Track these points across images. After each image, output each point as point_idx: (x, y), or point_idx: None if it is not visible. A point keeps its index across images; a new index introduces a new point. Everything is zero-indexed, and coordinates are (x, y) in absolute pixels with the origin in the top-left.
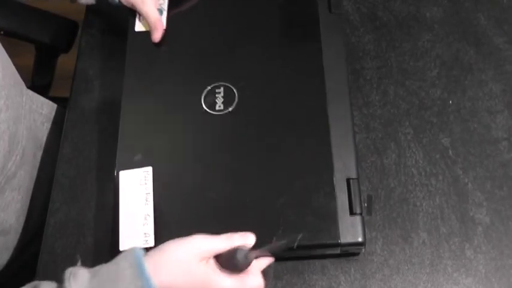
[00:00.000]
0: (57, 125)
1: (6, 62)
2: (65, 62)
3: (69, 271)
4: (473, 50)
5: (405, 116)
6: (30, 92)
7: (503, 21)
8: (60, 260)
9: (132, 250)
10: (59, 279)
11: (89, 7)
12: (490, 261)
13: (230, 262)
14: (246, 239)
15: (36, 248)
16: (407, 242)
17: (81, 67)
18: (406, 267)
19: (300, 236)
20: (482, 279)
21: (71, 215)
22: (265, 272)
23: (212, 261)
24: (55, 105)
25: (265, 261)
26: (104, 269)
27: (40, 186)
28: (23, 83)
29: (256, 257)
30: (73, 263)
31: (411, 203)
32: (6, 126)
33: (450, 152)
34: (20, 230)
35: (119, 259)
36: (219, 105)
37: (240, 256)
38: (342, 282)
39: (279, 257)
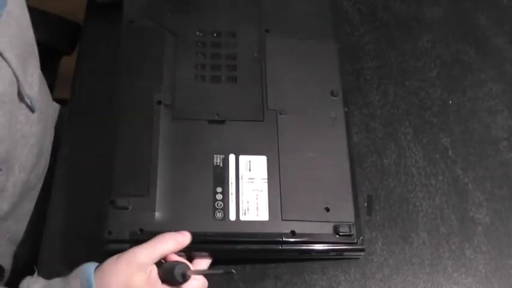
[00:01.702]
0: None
1: (41, 75)
2: (69, 62)
3: (26, 281)
4: (473, 50)
5: (405, 116)
6: (55, 104)
7: (503, 21)
8: (60, 262)
9: (83, 270)
10: None
11: (89, 6)
12: (489, 261)
13: (168, 277)
14: (182, 239)
15: None
16: (407, 242)
17: (81, 67)
18: (406, 267)
19: (233, 269)
20: (482, 279)
21: (69, 216)
22: None
23: (155, 272)
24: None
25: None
26: (56, 283)
27: None
28: (50, 94)
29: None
30: (72, 265)
31: (411, 203)
32: (37, 140)
33: (450, 152)
34: (33, 239)
35: (70, 278)
36: None
37: (177, 273)
38: (341, 282)
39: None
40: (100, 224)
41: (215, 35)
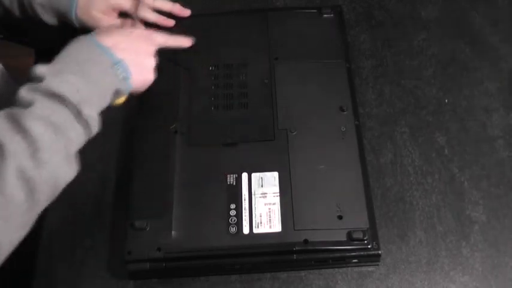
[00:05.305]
0: None
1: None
2: None
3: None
4: (468, 48)
5: (401, 115)
6: None
7: (498, 19)
8: (58, 262)
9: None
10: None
11: None
12: (486, 259)
13: None
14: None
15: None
16: (404, 240)
17: None
18: (403, 266)
19: None
20: (479, 277)
21: (67, 216)
22: None
23: None
24: None
25: None
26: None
27: None
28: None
29: None
30: (70, 266)
31: (407, 201)
32: None
33: (446, 150)
34: (27, 240)
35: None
36: None
37: None
38: (338, 281)
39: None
40: (122, 245)
41: (227, 67)
